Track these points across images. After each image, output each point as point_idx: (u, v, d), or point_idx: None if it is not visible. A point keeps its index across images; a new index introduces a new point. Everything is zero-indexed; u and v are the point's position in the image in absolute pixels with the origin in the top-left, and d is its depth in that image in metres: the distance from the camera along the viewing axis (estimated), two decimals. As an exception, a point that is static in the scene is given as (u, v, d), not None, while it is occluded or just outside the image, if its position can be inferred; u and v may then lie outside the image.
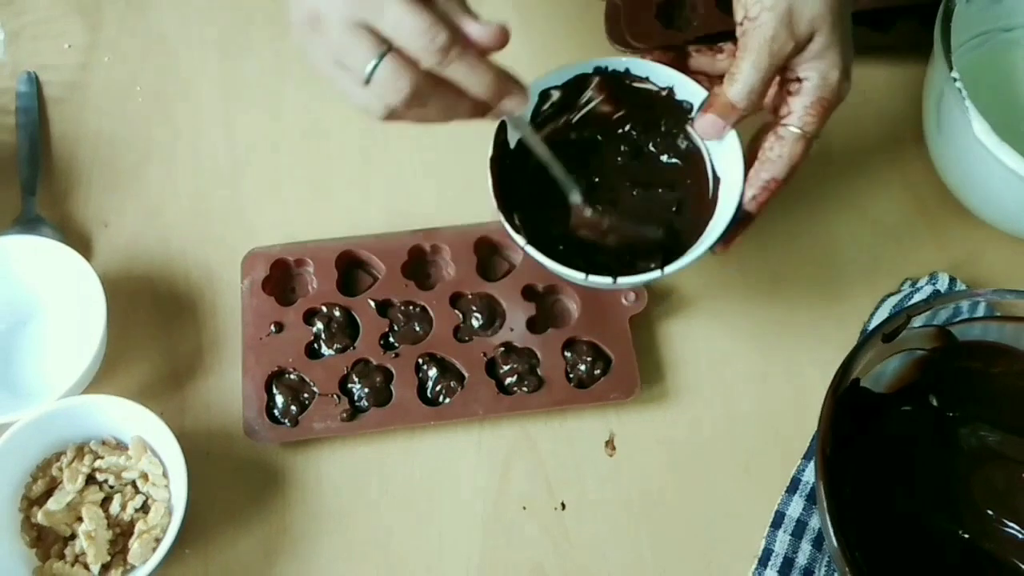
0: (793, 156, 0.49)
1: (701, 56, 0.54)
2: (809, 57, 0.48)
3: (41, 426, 0.53)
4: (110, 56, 0.69)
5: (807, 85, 0.48)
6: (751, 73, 0.47)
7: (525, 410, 0.57)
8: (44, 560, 0.52)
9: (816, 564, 0.53)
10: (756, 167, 0.50)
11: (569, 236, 0.54)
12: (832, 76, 0.48)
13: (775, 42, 0.46)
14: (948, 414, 0.54)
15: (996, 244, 0.62)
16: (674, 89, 0.53)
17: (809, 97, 0.48)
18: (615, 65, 0.54)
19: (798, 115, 0.49)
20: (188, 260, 0.62)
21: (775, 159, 0.49)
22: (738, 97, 0.48)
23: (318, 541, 0.55)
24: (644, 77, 0.54)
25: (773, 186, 0.50)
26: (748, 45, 0.47)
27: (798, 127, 0.49)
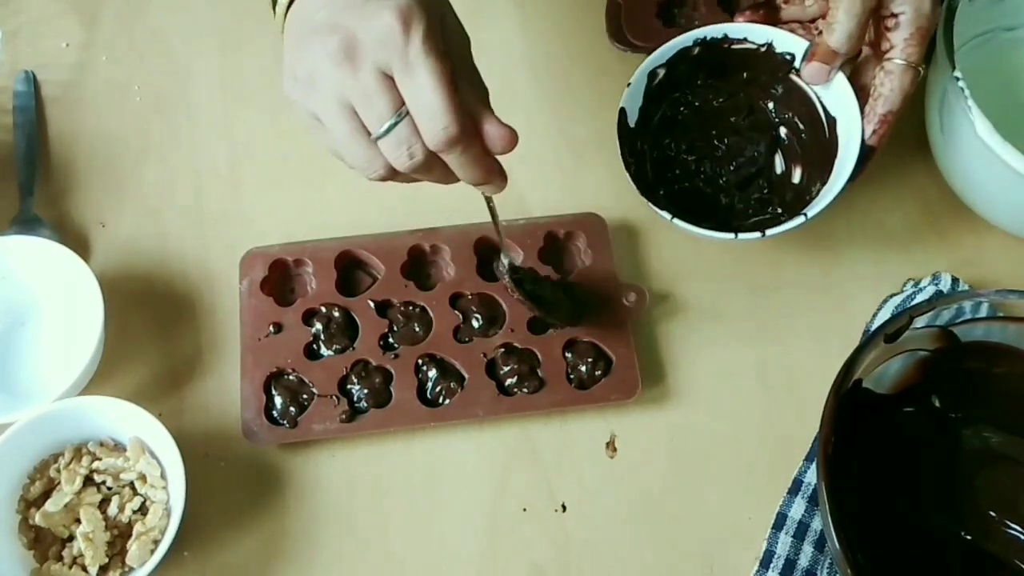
0: (904, 86, 0.52)
1: (790, 7, 0.57)
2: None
3: (39, 427, 0.53)
4: (108, 55, 0.69)
5: (903, 19, 0.51)
6: (846, 19, 0.50)
7: (525, 411, 0.56)
8: (42, 562, 0.52)
9: (818, 566, 0.53)
10: (870, 103, 0.53)
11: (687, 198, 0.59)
12: (925, 6, 0.51)
13: None
14: (951, 415, 0.53)
15: (999, 244, 0.62)
16: (773, 44, 0.56)
17: (908, 29, 0.51)
18: (713, 33, 0.57)
19: (900, 48, 0.51)
20: (186, 260, 0.62)
21: (888, 93, 0.52)
22: (838, 43, 0.51)
23: (317, 543, 0.54)
24: (742, 38, 0.57)
25: (890, 118, 0.53)
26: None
27: (903, 59, 0.51)
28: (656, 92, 0.58)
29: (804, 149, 0.59)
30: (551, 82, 0.68)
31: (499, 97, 0.69)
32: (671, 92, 0.59)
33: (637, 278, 0.61)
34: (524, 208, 0.64)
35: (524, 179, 0.65)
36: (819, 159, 0.57)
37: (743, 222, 0.59)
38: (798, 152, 0.60)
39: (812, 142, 0.58)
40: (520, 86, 0.68)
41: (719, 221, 0.57)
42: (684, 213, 0.55)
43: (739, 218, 0.59)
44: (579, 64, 0.69)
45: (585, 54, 0.69)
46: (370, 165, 0.43)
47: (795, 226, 0.53)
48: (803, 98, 0.57)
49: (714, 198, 0.60)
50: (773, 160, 0.60)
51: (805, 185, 0.59)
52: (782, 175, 0.60)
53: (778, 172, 0.60)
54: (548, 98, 0.68)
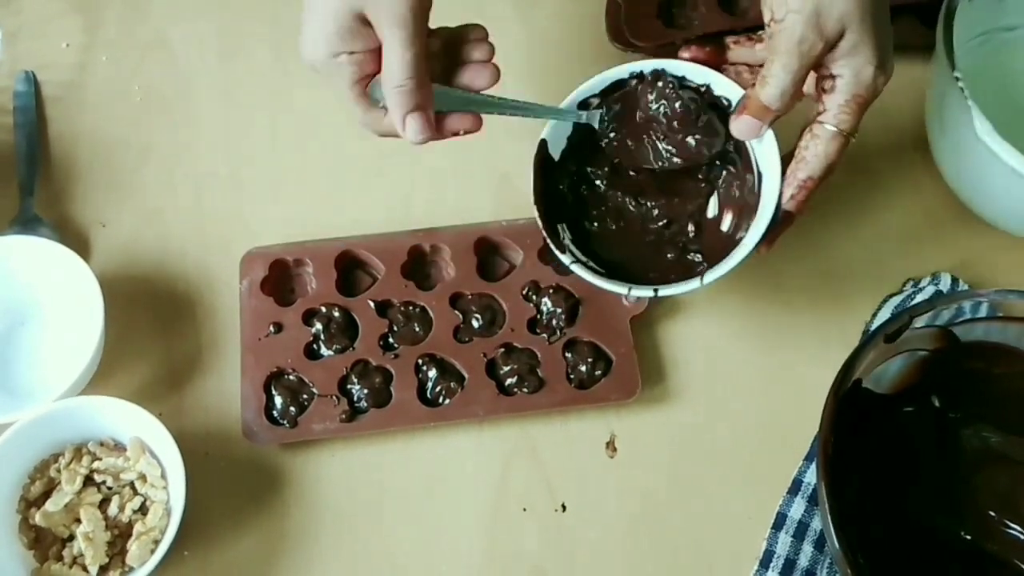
0: (829, 154, 0.49)
1: (740, 48, 0.54)
2: (841, 55, 0.47)
3: (39, 427, 0.53)
4: (108, 55, 0.69)
5: (840, 83, 0.48)
6: (782, 75, 0.47)
7: (525, 411, 0.56)
8: (42, 562, 0.52)
9: (818, 566, 0.53)
10: (793, 166, 0.50)
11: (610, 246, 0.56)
12: (866, 73, 0.48)
13: (803, 43, 0.46)
14: (950, 415, 0.53)
15: (999, 244, 0.62)
16: (711, 87, 0.53)
17: (843, 95, 0.48)
18: (648, 68, 0.54)
19: (833, 112, 0.48)
20: (186, 260, 0.62)
21: (811, 158, 0.49)
22: (770, 99, 0.48)
23: (317, 543, 0.54)
24: (680, 76, 0.54)
25: (810, 184, 0.50)
26: (777, 48, 0.47)
27: (833, 125, 0.49)
28: (585, 126, 0.54)
29: (736, 199, 0.55)
30: (551, 83, 0.68)
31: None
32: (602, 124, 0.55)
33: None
34: (524, 208, 0.63)
35: (524, 179, 0.65)
36: (746, 212, 0.54)
37: (662, 268, 0.55)
38: (732, 199, 0.55)
39: (743, 193, 0.55)
40: (520, 86, 0.68)
41: (639, 263, 0.55)
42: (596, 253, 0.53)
43: (657, 263, 0.55)
44: (579, 64, 0.68)
45: (585, 54, 0.68)
46: None
47: (688, 291, 0.51)
48: (741, 145, 0.54)
49: (637, 239, 0.56)
50: (707, 203, 0.56)
51: (731, 234, 0.55)
52: (713, 219, 0.56)
53: (710, 216, 0.56)
54: (548, 98, 0.67)
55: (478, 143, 0.66)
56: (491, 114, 0.51)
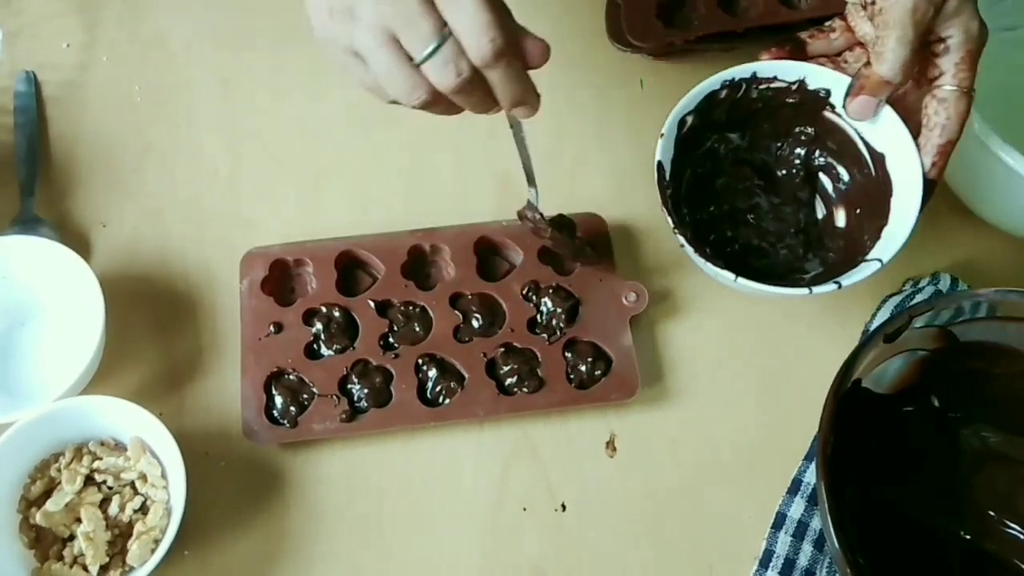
0: (960, 114, 0.49)
1: (816, 41, 0.54)
2: (948, 15, 0.48)
3: (39, 427, 0.53)
4: (108, 55, 0.69)
5: (952, 43, 0.49)
6: (899, 47, 0.48)
7: (525, 411, 0.56)
8: (43, 561, 0.52)
9: (817, 565, 0.53)
10: (926, 134, 0.50)
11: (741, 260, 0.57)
12: (973, 27, 0.49)
13: (916, 12, 0.47)
14: (950, 415, 0.53)
15: (998, 244, 0.62)
16: (805, 80, 0.54)
17: (958, 53, 0.49)
18: (740, 73, 0.54)
19: (951, 73, 0.49)
20: (187, 260, 0.62)
21: (945, 122, 0.50)
22: (891, 73, 0.49)
23: (317, 542, 0.54)
24: (772, 76, 0.54)
25: (949, 148, 0.50)
26: (890, 21, 0.48)
27: (955, 85, 0.49)
28: (686, 141, 0.55)
29: (848, 190, 0.56)
30: (551, 83, 0.68)
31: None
32: (702, 140, 0.57)
33: (637, 278, 0.61)
34: (524, 208, 0.63)
35: (524, 179, 0.65)
36: (867, 199, 0.54)
37: (796, 274, 0.56)
38: (841, 194, 0.57)
39: (855, 183, 0.56)
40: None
41: (771, 272, 0.56)
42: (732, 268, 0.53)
43: (789, 269, 0.56)
44: (579, 65, 0.69)
45: (585, 54, 0.68)
46: (413, 91, 0.42)
47: (872, 273, 0.51)
48: (841, 136, 0.55)
49: (760, 250, 0.57)
50: (814, 204, 0.58)
51: (855, 228, 0.56)
52: (824, 219, 0.57)
53: (819, 217, 0.58)
54: (548, 98, 0.67)
55: (478, 143, 0.66)
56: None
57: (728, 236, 0.57)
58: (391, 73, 0.42)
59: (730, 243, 0.57)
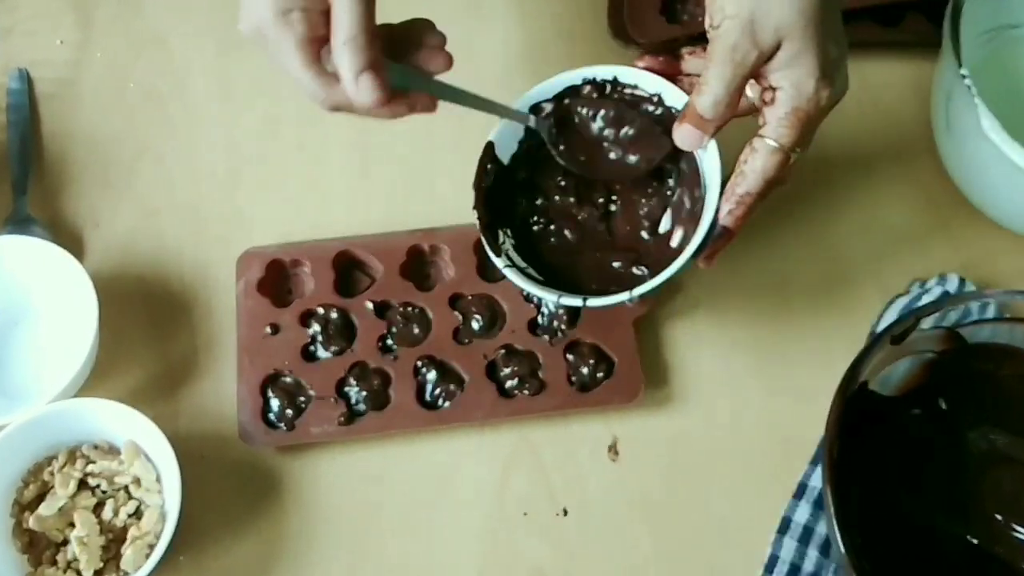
0: (767, 169, 0.47)
1: (694, 58, 0.52)
2: (779, 66, 0.45)
3: (32, 430, 0.52)
4: (103, 52, 0.68)
5: (780, 95, 0.46)
6: (715, 83, 0.45)
7: (526, 414, 0.56)
8: (36, 566, 0.52)
9: (823, 571, 0.53)
10: (732, 180, 0.48)
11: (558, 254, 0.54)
12: (807, 86, 0.45)
13: (737, 51, 0.44)
14: (957, 417, 0.53)
15: (1007, 244, 0.62)
16: (662, 96, 0.52)
17: (783, 108, 0.46)
18: (603, 74, 0.53)
19: (772, 126, 0.46)
20: (182, 260, 0.61)
21: (749, 172, 0.47)
22: (704, 108, 0.46)
23: (314, 547, 0.54)
24: (633, 84, 0.53)
25: (748, 200, 0.47)
26: (712, 54, 0.45)
27: (773, 139, 0.46)
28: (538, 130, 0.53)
29: (687, 213, 0.53)
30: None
31: (499, 96, 0.68)
32: (554, 131, 0.54)
33: (639, 278, 0.60)
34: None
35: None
36: (691, 227, 0.52)
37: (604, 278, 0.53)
38: (684, 213, 0.53)
39: (694, 208, 0.53)
40: (520, 84, 0.67)
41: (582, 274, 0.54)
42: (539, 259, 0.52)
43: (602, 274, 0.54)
44: (581, 61, 0.68)
45: (586, 51, 0.68)
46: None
47: (616, 302, 0.49)
48: (691, 158, 0.52)
49: (584, 250, 0.55)
50: (661, 217, 0.55)
51: (680, 248, 0.52)
52: (665, 234, 0.54)
53: (661, 231, 0.54)
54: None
55: (478, 143, 0.66)
56: (445, 100, 0.50)
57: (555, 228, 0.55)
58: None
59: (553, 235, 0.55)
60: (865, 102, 0.66)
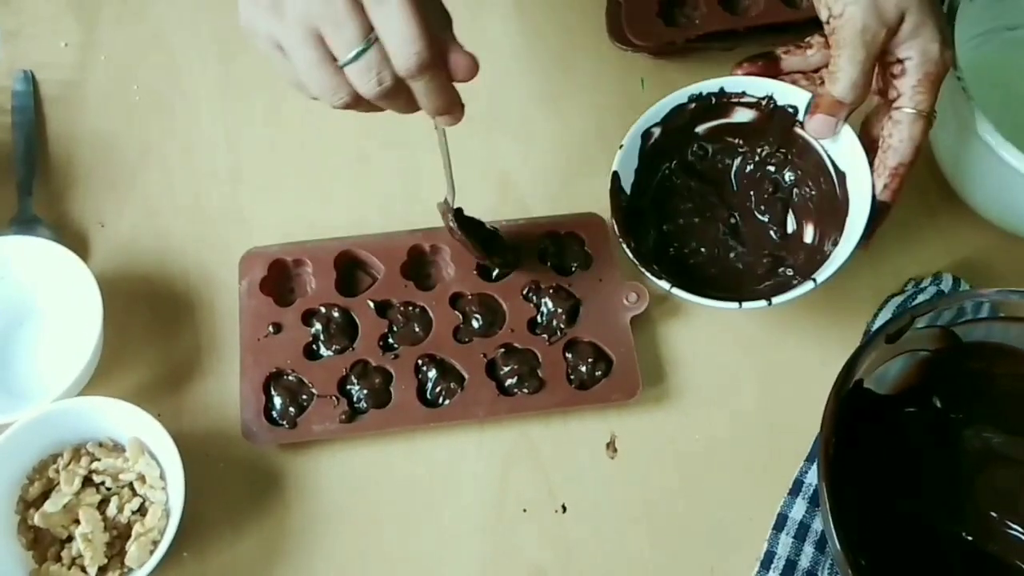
0: (915, 137, 0.49)
1: (791, 56, 0.54)
2: (905, 38, 0.48)
3: (38, 428, 0.52)
4: (107, 55, 0.68)
5: (910, 64, 0.49)
6: (849, 68, 0.48)
7: (526, 411, 0.56)
8: (41, 563, 0.52)
9: (819, 567, 0.53)
10: (880, 156, 0.50)
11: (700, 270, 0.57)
12: (932, 50, 0.48)
13: (867, 32, 0.47)
14: (952, 416, 0.53)
15: (1001, 244, 0.62)
16: (773, 96, 0.54)
17: (915, 75, 0.49)
18: (708, 88, 0.54)
19: (908, 96, 0.49)
20: (186, 260, 0.62)
21: (898, 144, 0.50)
22: (843, 93, 0.49)
23: (316, 543, 0.54)
24: (740, 92, 0.54)
25: (903, 171, 0.50)
26: (841, 41, 0.48)
27: (911, 107, 0.49)
28: (652, 153, 0.56)
29: (815, 206, 0.56)
30: (551, 82, 0.68)
31: (499, 96, 0.69)
32: (668, 153, 0.57)
33: (637, 278, 0.60)
34: (524, 208, 0.63)
35: (524, 179, 0.65)
36: (831, 217, 0.54)
37: (755, 286, 0.56)
38: (810, 210, 0.57)
39: (823, 199, 0.55)
40: (520, 85, 0.68)
41: (729, 285, 0.56)
42: (689, 279, 0.54)
43: (750, 281, 0.57)
44: (579, 64, 0.69)
45: (585, 53, 0.68)
46: (335, 93, 0.42)
47: (804, 292, 0.51)
48: (811, 152, 0.55)
49: (723, 262, 0.58)
50: (785, 219, 0.58)
51: (818, 244, 0.56)
52: (793, 234, 0.57)
53: (789, 231, 0.58)
54: (548, 98, 0.68)
55: (478, 143, 0.66)
56: None
57: (690, 248, 0.58)
58: (312, 72, 0.42)
59: (691, 255, 0.58)
60: (862, 103, 0.67)
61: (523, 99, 0.67)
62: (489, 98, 0.67)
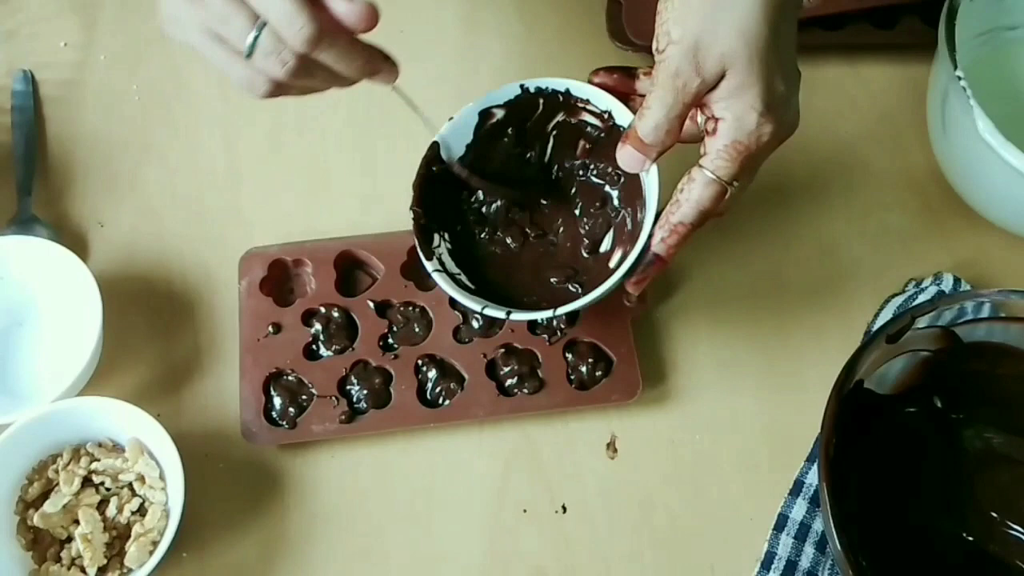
0: (702, 200, 0.45)
1: (647, 79, 0.51)
2: (722, 96, 0.44)
3: (37, 428, 0.52)
4: (107, 55, 0.68)
5: (721, 126, 0.44)
6: (657, 108, 0.44)
7: (526, 412, 0.56)
8: (40, 563, 0.52)
9: (819, 567, 0.53)
10: (668, 207, 0.47)
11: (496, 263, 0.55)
12: (748, 119, 0.43)
13: (679, 78, 0.43)
14: (952, 416, 0.53)
15: (1001, 244, 0.62)
16: (612, 114, 0.52)
17: (723, 139, 0.44)
18: (554, 85, 0.53)
19: (711, 157, 0.45)
20: (185, 260, 0.62)
21: (684, 202, 0.46)
22: (645, 132, 0.46)
23: (316, 544, 0.54)
24: (585, 99, 0.53)
25: (682, 230, 0.46)
26: (656, 79, 0.44)
27: (710, 170, 0.45)
28: (488, 134, 0.54)
29: (627, 235, 0.54)
30: (551, 81, 0.68)
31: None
32: (510, 138, 0.55)
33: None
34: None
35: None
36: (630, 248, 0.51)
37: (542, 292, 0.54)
38: (626, 234, 0.54)
39: (634, 229, 0.53)
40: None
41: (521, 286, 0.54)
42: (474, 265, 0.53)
43: (539, 288, 0.55)
44: (579, 63, 0.68)
45: (585, 53, 0.68)
46: (253, 83, 0.43)
47: (537, 318, 0.50)
48: (635, 179, 0.51)
49: (523, 260, 0.56)
50: (603, 238, 0.56)
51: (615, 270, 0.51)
52: (604, 254, 0.55)
53: (602, 250, 0.55)
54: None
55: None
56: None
57: (498, 237, 0.56)
58: (229, 70, 0.43)
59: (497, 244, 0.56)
60: (861, 103, 0.67)
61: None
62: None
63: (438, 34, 0.69)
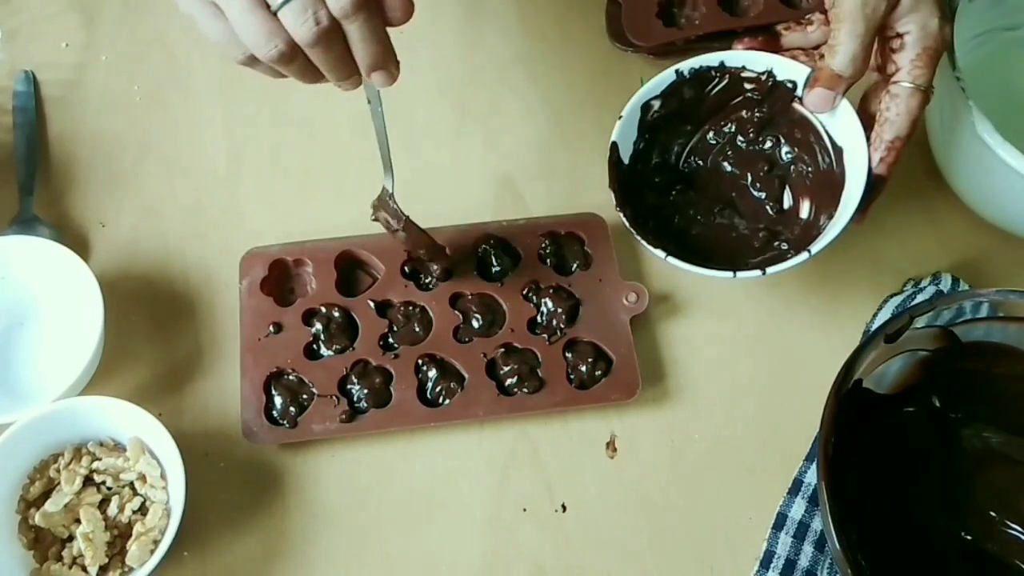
0: (912, 111, 0.50)
1: (792, 33, 0.55)
2: (904, 11, 0.49)
3: (38, 427, 0.52)
4: (108, 55, 0.69)
5: (909, 39, 0.49)
6: (849, 41, 0.49)
7: (526, 411, 0.56)
8: (42, 562, 0.52)
9: (818, 566, 0.53)
10: (876, 129, 0.51)
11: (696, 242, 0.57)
12: (932, 24, 0.49)
13: (867, 6, 0.48)
14: (951, 415, 0.53)
15: (1000, 244, 0.62)
16: (773, 71, 0.54)
17: (914, 50, 0.49)
18: (708, 61, 0.55)
19: (907, 70, 0.50)
20: (186, 260, 0.62)
21: (895, 118, 0.50)
22: (841, 66, 0.49)
23: (316, 543, 0.54)
24: (740, 66, 0.55)
25: (899, 145, 0.51)
26: (841, 14, 0.48)
27: (909, 82, 0.50)
28: (651, 126, 0.57)
29: (812, 182, 0.57)
30: (551, 82, 0.68)
31: (499, 96, 0.69)
32: (667, 126, 0.57)
33: (637, 278, 0.61)
34: (524, 208, 0.64)
35: (524, 179, 0.65)
36: (827, 191, 0.55)
37: (750, 259, 0.57)
38: (806, 186, 0.57)
39: (819, 174, 0.56)
40: (520, 86, 0.68)
41: (725, 258, 0.56)
42: (684, 250, 0.54)
43: (746, 255, 0.57)
44: (579, 64, 0.69)
45: (585, 54, 0.68)
46: (270, 40, 0.40)
47: (798, 263, 0.52)
48: (808, 128, 0.55)
49: (719, 236, 0.58)
50: (782, 195, 0.58)
51: (813, 219, 0.56)
52: (789, 210, 0.58)
53: (785, 207, 0.58)
54: (548, 98, 0.68)
55: (478, 143, 0.66)
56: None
57: (687, 221, 0.58)
58: (246, 18, 0.40)
59: (688, 228, 0.58)
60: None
61: (523, 99, 0.67)
62: (489, 98, 0.67)
63: (437, 35, 0.69)
